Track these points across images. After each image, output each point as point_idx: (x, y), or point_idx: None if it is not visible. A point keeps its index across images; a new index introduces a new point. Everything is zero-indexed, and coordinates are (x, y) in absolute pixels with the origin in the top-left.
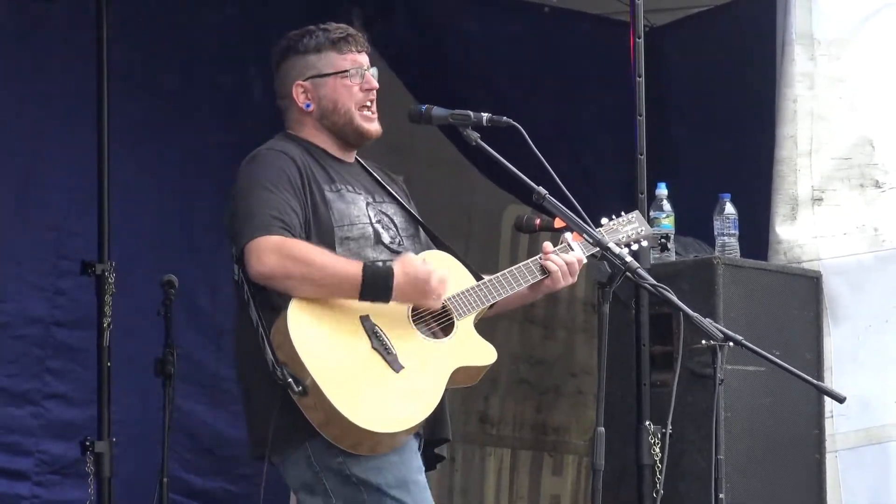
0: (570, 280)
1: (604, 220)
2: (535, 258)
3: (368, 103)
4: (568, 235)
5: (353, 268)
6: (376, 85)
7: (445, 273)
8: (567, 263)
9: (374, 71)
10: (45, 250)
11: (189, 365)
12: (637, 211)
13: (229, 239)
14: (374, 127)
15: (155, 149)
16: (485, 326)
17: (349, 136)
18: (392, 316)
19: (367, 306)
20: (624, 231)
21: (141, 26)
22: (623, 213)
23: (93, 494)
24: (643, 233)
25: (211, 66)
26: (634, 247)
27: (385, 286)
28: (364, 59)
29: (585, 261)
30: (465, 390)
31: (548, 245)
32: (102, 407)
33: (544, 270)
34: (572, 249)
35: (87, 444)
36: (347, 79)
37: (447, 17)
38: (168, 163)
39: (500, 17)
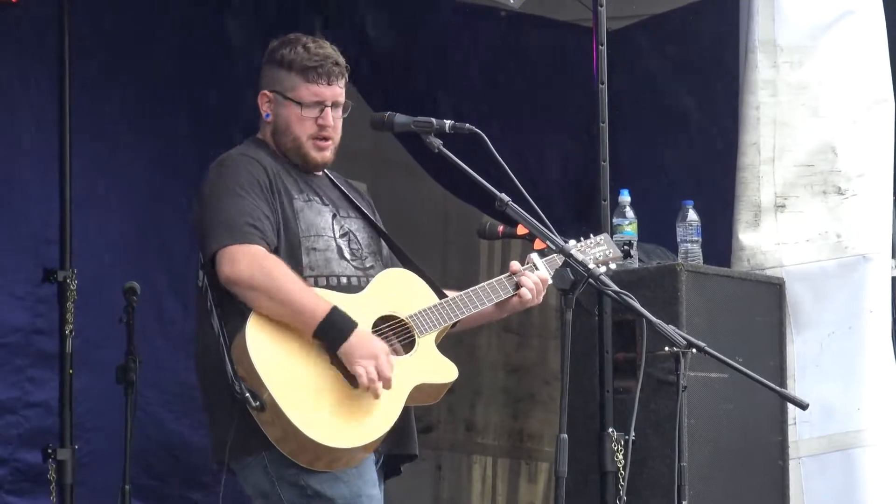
0: (538, 300)
1: (571, 242)
2: (499, 277)
3: (321, 138)
4: (534, 255)
5: (317, 305)
6: (331, 123)
7: (389, 374)
8: (534, 283)
9: (348, 103)
10: (24, 259)
11: (157, 372)
12: (606, 234)
13: (198, 242)
14: (321, 156)
15: (121, 155)
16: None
17: (295, 159)
18: None
19: None
20: (592, 253)
21: (105, 32)
22: (592, 235)
23: (55, 502)
24: (611, 255)
25: (177, 71)
26: (602, 269)
27: (339, 337)
28: (330, 92)
29: (550, 281)
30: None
31: (515, 264)
32: (64, 414)
33: (509, 289)
34: (538, 269)
35: (50, 451)
36: (301, 110)
37: (404, 23)
38: (134, 169)
39: (459, 21)
